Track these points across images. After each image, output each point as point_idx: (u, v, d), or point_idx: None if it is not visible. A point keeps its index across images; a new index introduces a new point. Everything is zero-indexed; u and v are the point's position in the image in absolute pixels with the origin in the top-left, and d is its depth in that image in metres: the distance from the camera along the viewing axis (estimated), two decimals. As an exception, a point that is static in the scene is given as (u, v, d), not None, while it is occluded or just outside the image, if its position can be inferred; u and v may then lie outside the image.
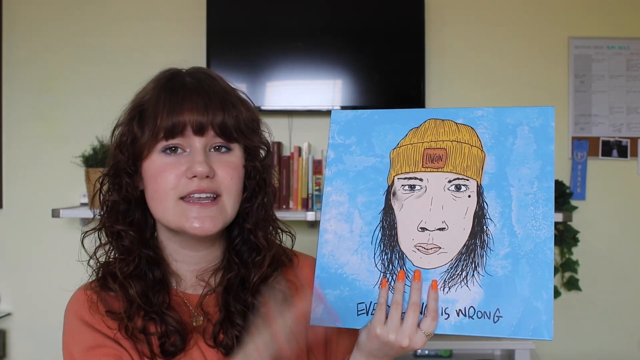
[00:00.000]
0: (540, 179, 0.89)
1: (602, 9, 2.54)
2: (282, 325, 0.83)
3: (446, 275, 0.88)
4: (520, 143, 0.90)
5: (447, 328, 0.86)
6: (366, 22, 2.46)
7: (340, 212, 0.94)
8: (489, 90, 2.54)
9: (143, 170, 0.91)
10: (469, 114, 0.93)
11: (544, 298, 0.85)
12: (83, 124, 2.50)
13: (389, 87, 2.48)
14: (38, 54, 2.55)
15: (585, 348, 2.54)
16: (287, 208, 2.39)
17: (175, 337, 0.90)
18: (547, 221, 0.87)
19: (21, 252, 2.56)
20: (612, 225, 2.56)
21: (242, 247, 0.96)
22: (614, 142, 2.54)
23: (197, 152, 0.88)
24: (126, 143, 0.90)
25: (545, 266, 0.86)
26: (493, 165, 0.90)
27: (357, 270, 0.91)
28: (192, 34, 2.51)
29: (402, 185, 0.92)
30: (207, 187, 0.88)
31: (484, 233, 0.88)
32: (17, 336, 2.56)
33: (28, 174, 2.56)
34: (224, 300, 0.94)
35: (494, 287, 0.86)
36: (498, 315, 0.85)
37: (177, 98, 0.89)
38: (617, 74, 2.54)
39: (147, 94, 0.91)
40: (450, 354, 2.37)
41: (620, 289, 2.55)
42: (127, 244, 0.92)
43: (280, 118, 2.52)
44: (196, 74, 0.93)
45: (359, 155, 0.95)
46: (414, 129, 0.94)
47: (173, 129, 0.87)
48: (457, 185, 0.90)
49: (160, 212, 0.90)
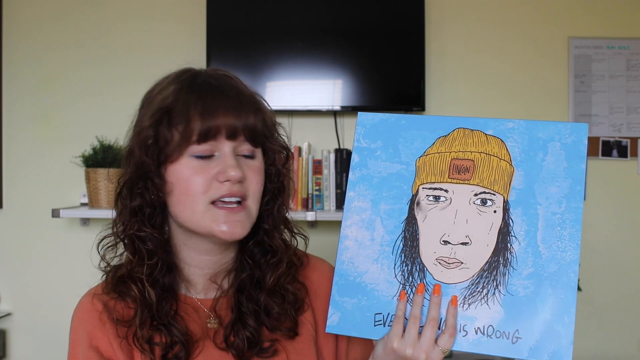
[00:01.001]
0: (569, 198, 0.86)
1: (602, 9, 2.54)
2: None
3: (467, 292, 0.86)
4: (550, 160, 0.88)
5: (464, 345, 0.85)
6: (366, 22, 2.46)
7: (362, 218, 0.93)
8: (489, 90, 2.54)
9: (168, 173, 0.88)
10: (499, 125, 0.91)
11: (565, 322, 0.83)
12: (83, 124, 2.50)
13: (389, 87, 2.48)
14: (38, 54, 2.55)
15: (585, 348, 2.54)
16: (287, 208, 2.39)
17: (178, 348, 0.89)
18: (573, 243, 0.85)
19: (21, 252, 2.55)
20: (612, 225, 2.56)
21: (254, 248, 0.96)
22: (614, 142, 2.54)
23: (228, 157, 0.87)
24: (152, 146, 0.87)
25: (569, 289, 0.84)
26: (521, 180, 0.88)
27: (377, 280, 0.90)
28: (192, 34, 2.51)
29: (427, 195, 0.90)
30: (238, 191, 0.87)
31: (507, 251, 0.86)
32: (17, 336, 2.56)
33: (28, 174, 2.56)
34: (237, 300, 0.94)
35: (514, 307, 0.85)
36: (517, 337, 0.84)
37: (210, 100, 0.87)
38: (617, 74, 2.54)
39: (171, 95, 0.88)
40: (450, 354, 2.37)
41: (620, 289, 2.55)
42: (151, 247, 0.90)
43: (280, 118, 2.49)
44: (217, 76, 0.91)
45: (384, 161, 0.93)
46: (442, 137, 0.92)
47: (208, 132, 0.85)
48: (483, 200, 0.88)
49: (188, 216, 0.88)
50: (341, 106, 2.45)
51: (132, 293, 0.89)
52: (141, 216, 0.89)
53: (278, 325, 0.94)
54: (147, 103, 0.92)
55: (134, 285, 0.89)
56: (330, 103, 2.46)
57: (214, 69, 0.95)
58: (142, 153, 0.87)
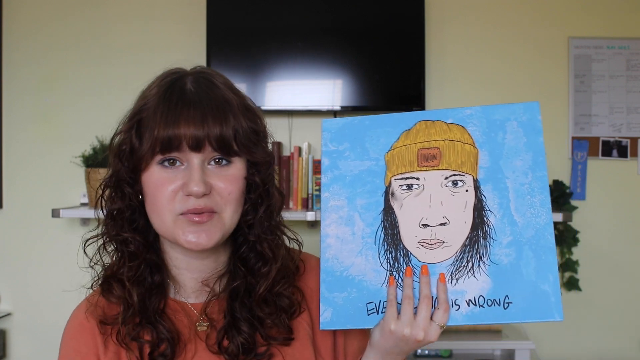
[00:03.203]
0: (533, 169, 0.90)
1: (602, 9, 2.55)
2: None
3: (452, 268, 0.89)
4: (510, 137, 0.92)
5: (459, 319, 0.88)
6: (366, 22, 2.46)
7: (340, 216, 0.95)
8: (489, 90, 2.54)
9: (143, 180, 0.88)
10: (458, 113, 0.95)
11: (550, 280, 0.87)
12: (83, 124, 2.51)
13: (389, 87, 2.48)
14: (38, 54, 2.55)
15: (585, 348, 2.55)
16: (287, 208, 2.39)
17: (165, 346, 0.89)
18: (544, 208, 0.89)
19: (21, 252, 2.56)
20: (612, 225, 2.56)
21: (248, 254, 0.94)
22: (614, 142, 2.54)
23: (194, 170, 0.85)
24: (125, 152, 0.88)
25: (548, 250, 0.89)
26: (487, 159, 0.92)
27: (363, 270, 0.92)
28: (192, 34, 2.51)
29: (400, 185, 0.93)
30: (204, 206, 0.85)
31: (485, 224, 0.90)
32: (17, 336, 2.56)
33: (28, 174, 2.56)
34: (229, 306, 0.93)
35: (500, 275, 0.88)
36: (508, 302, 0.87)
37: (174, 109, 0.85)
38: (617, 74, 2.54)
39: (148, 101, 0.88)
40: (450, 354, 2.36)
41: (620, 289, 2.55)
42: (133, 249, 0.90)
43: (280, 118, 2.52)
44: (199, 80, 0.89)
45: (353, 160, 0.96)
46: (406, 131, 0.95)
47: (170, 143, 0.84)
48: (454, 181, 0.91)
49: (159, 223, 0.88)
50: (341, 106, 2.45)
51: (116, 293, 0.90)
52: (120, 220, 0.90)
53: (272, 335, 0.93)
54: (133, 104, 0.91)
55: (116, 285, 0.90)
56: (330, 103, 2.46)
57: (201, 72, 0.92)
58: (118, 160, 0.88)
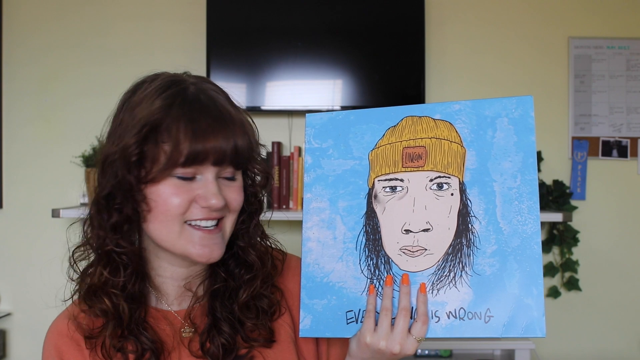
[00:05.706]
0: (523, 172, 0.86)
1: (602, 9, 2.55)
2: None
3: (434, 277, 0.86)
4: (500, 136, 0.87)
5: (438, 331, 0.85)
6: (366, 22, 2.46)
7: (322, 218, 0.92)
8: (489, 90, 2.54)
9: (149, 191, 0.84)
10: (446, 108, 0.90)
11: (534, 294, 0.83)
12: (83, 124, 2.50)
13: (389, 87, 2.48)
14: (38, 54, 2.55)
15: (585, 348, 2.54)
16: (287, 208, 2.39)
17: (148, 355, 0.88)
18: (532, 215, 0.84)
19: (21, 252, 2.56)
20: (612, 225, 2.56)
21: (229, 260, 0.94)
22: (614, 142, 2.54)
23: (210, 183, 0.84)
24: (135, 163, 0.83)
25: (534, 261, 0.83)
26: (474, 160, 0.87)
27: (344, 277, 0.89)
28: (192, 34, 2.51)
29: (383, 187, 0.90)
30: (218, 216, 0.86)
31: (469, 231, 0.86)
32: (17, 336, 2.56)
33: (28, 174, 2.56)
34: (211, 307, 0.93)
35: (483, 286, 0.84)
36: (489, 315, 0.83)
37: (200, 122, 0.82)
38: (617, 74, 2.54)
39: (159, 111, 0.83)
40: (450, 354, 2.37)
41: (620, 289, 2.55)
42: (126, 260, 0.88)
43: (280, 118, 2.52)
44: (204, 92, 0.87)
45: (337, 159, 0.93)
46: (391, 127, 0.91)
47: (196, 157, 0.82)
48: (439, 184, 0.88)
49: (165, 235, 0.86)
50: (341, 106, 2.45)
51: (104, 306, 0.87)
52: (120, 232, 0.87)
53: (253, 337, 0.92)
54: (128, 108, 0.87)
55: (106, 299, 0.87)
56: (330, 103, 2.46)
57: (199, 81, 0.89)
58: (125, 170, 0.83)
